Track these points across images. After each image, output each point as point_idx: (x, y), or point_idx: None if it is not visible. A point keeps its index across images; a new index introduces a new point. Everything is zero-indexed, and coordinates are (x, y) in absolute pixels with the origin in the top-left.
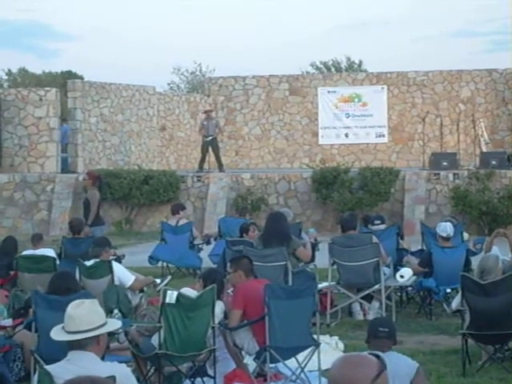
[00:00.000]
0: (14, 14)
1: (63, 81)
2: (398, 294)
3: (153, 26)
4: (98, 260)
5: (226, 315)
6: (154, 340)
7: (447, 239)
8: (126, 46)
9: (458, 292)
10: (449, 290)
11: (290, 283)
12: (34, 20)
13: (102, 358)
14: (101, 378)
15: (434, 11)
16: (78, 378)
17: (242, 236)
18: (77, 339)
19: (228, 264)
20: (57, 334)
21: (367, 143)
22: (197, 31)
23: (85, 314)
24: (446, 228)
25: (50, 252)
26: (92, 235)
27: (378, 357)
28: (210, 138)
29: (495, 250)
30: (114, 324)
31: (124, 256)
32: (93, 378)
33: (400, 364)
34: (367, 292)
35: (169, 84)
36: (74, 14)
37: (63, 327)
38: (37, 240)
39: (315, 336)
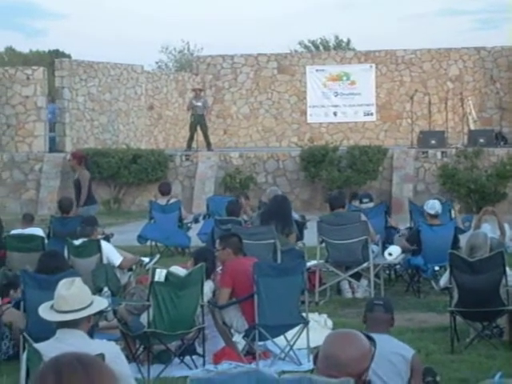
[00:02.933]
0: None
1: (51, 60)
2: (387, 271)
3: (140, 4)
4: (86, 239)
5: (214, 293)
6: (143, 318)
7: (435, 216)
8: (114, 24)
9: (446, 270)
10: (437, 268)
11: (279, 261)
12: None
13: (91, 336)
14: (87, 355)
15: None
16: (63, 354)
17: (230, 215)
18: (72, 319)
19: (217, 242)
20: (48, 314)
21: (355, 122)
22: (185, 9)
23: (77, 294)
24: (434, 205)
25: (39, 231)
26: (81, 215)
27: (369, 338)
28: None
29: (484, 227)
30: (102, 302)
31: (112, 235)
32: (78, 354)
33: (398, 346)
34: (356, 270)
35: (157, 63)
36: None
37: (52, 306)
38: (28, 220)
39: (304, 314)
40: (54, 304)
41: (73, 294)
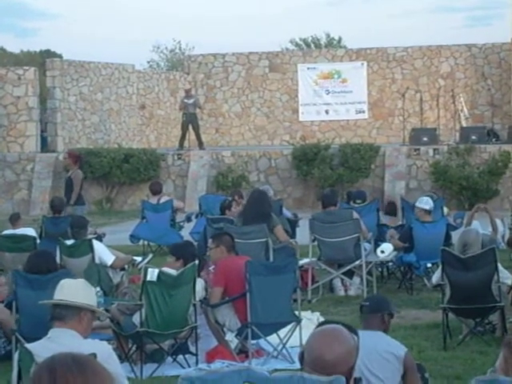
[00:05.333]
0: None
1: (42, 60)
2: (379, 269)
3: (131, 4)
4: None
5: (207, 292)
6: (136, 318)
7: (428, 213)
8: (105, 24)
9: (438, 266)
10: (429, 265)
11: (271, 260)
12: None
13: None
14: (82, 355)
15: None
16: (58, 354)
17: (223, 213)
18: (57, 306)
19: (209, 240)
20: (44, 302)
21: (347, 119)
22: (176, 8)
23: (73, 286)
24: (428, 201)
25: (30, 231)
26: (72, 214)
27: (351, 329)
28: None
29: (476, 224)
30: (98, 310)
31: (105, 234)
32: (74, 354)
33: (390, 344)
34: (348, 268)
35: (148, 62)
36: None
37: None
38: (15, 219)
39: (296, 312)
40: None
41: (68, 285)
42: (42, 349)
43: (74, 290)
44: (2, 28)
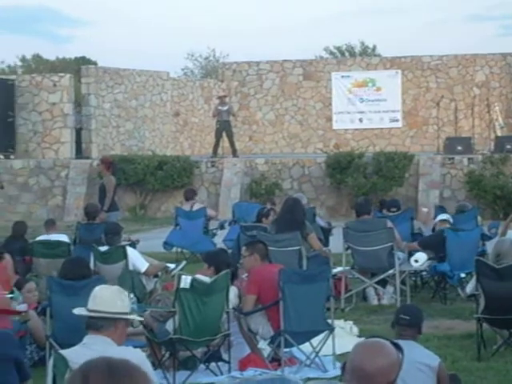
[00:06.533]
0: (28, 0)
1: (77, 67)
2: (413, 278)
3: (166, 11)
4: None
5: (240, 300)
6: (169, 325)
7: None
8: (139, 31)
9: (472, 276)
10: (463, 275)
11: (305, 268)
12: (48, 6)
13: None
14: (118, 359)
15: None
16: (93, 359)
17: (260, 221)
18: (93, 317)
19: (243, 248)
20: (79, 311)
21: (381, 128)
22: (210, 16)
23: (107, 296)
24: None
25: (63, 237)
26: (107, 221)
27: (397, 346)
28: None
29: (510, 234)
30: (132, 315)
31: (138, 241)
32: (109, 359)
33: (423, 355)
34: (382, 277)
35: (183, 69)
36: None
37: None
38: (49, 225)
39: (330, 321)
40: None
41: (102, 295)
42: (77, 355)
43: (109, 300)
44: (38, 35)
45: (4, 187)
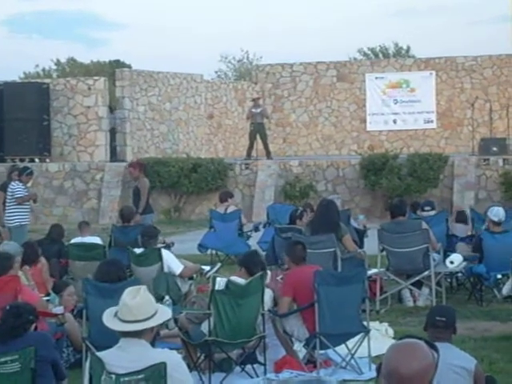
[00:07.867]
0: (63, 4)
1: (111, 70)
2: (448, 280)
3: (199, 14)
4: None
5: (275, 302)
6: (204, 327)
7: (498, 224)
8: (173, 34)
9: (508, 278)
10: (499, 276)
11: (340, 270)
12: (82, 9)
13: (153, 345)
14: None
15: None
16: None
17: (293, 223)
18: (134, 330)
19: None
20: (112, 322)
21: (415, 129)
22: (244, 18)
23: (141, 304)
24: (498, 212)
25: (97, 240)
26: (142, 223)
27: (432, 346)
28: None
29: None
30: (166, 313)
31: (173, 244)
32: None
33: (459, 357)
34: (417, 278)
35: (216, 72)
36: (122, 3)
37: (116, 314)
38: (84, 227)
39: (365, 322)
40: (118, 312)
41: (137, 304)
42: (113, 357)
43: (143, 308)
44: (73, 38)
45: (37, 201)
